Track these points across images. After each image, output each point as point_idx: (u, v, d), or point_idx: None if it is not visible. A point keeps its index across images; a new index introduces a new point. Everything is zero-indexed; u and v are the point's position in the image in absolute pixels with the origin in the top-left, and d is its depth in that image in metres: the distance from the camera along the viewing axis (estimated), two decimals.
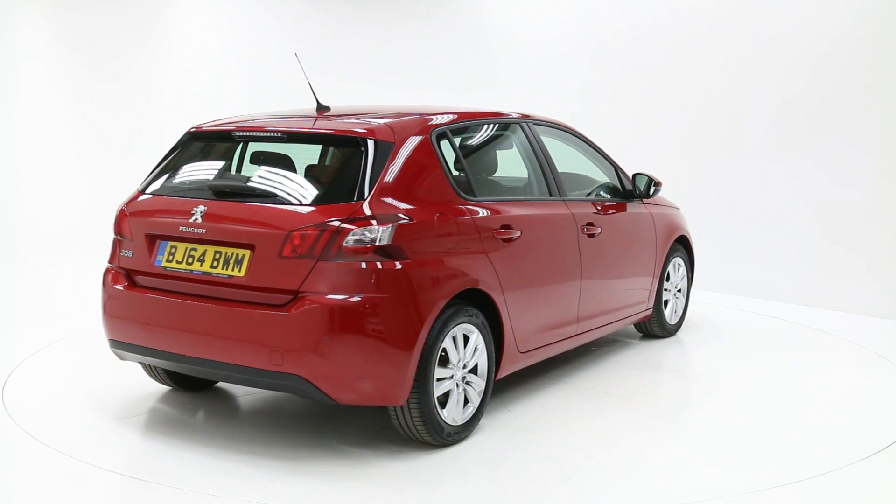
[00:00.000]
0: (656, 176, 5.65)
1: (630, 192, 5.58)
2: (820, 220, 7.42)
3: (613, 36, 8.72)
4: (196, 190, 4.16)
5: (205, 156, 4.40)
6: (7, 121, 10.02)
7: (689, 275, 6.33)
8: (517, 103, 8.94)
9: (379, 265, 3.69)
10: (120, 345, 4.24)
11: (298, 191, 3.92)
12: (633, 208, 5.56)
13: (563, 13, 9.07)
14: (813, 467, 3.89)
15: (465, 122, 4.66)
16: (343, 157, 4.04)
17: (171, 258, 4.01)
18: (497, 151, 4.98)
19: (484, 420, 4.38)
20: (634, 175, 5.60)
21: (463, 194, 4.22)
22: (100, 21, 10.35)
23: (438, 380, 3.93)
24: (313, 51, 10.42)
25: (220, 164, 4.36)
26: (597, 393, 4.93)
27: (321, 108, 4.52)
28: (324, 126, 4.15)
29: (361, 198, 3.76)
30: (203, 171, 4.33)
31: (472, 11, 9.88)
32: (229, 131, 4.35)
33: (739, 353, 5.89)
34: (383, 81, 10.11)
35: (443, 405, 3.97)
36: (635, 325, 6.03)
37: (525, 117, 5.04)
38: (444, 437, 3.98)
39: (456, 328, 3.99)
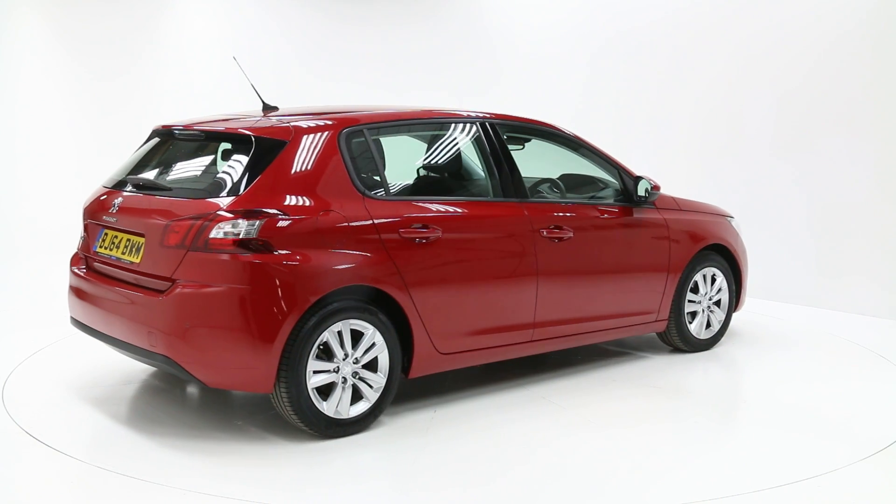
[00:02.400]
0: (654, 180, 5.42)
1: (631, 196, 5.33)
2: (820, 220, 7.41)
3: (616, 36, 8.72)
4: (126, 183, 4.50)
5: (152, 152, 4.65)
6: (7, 121, 10.01)
7: (735, 287, 5.94)
8: (520, 104, 8.95)
9: (241, 258, 3.86)
10: (72, 320, 4.70)
11: (191, 185, 4.24)
12: (637, 213, 5.33)
13: (565, 13, 9.07)
14: (813, 467, 3.89)
15: (393, 122, 4.68)
16: (236, 154, 4.20)
17: (102, 244, 4.44)
18: (440, 151, 4.96)
19: (397, 418, 4.42)
20: (636, 178, 5.35)
21: (369, 193, 4.25)
22: (100, 21, 10.34)
23: (317, 372, 4.02)
24: (314, 52, 10.43)
25: (154, 160, 4.59)
26: (546, 402, 4.74)
27: (267, 108, 4.72)
28: (229, 125, 4.39)
29: (238, 192, 3.96)
30: (141, 165, 4.59)
31: (474, 11, 9.88)
32: (169, 129, 4.62)
33: (739, 356, 5.88)
34: (384, 83, 10.10)
35: (327, 398, 4.09)
36: (661, 338, 5.78)
37: (485, 117, 4.92)
38: (323, 428, 4.08)
39: (340, 323, 4.06)
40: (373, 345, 4.19)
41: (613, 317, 5.28)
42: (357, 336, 4.15)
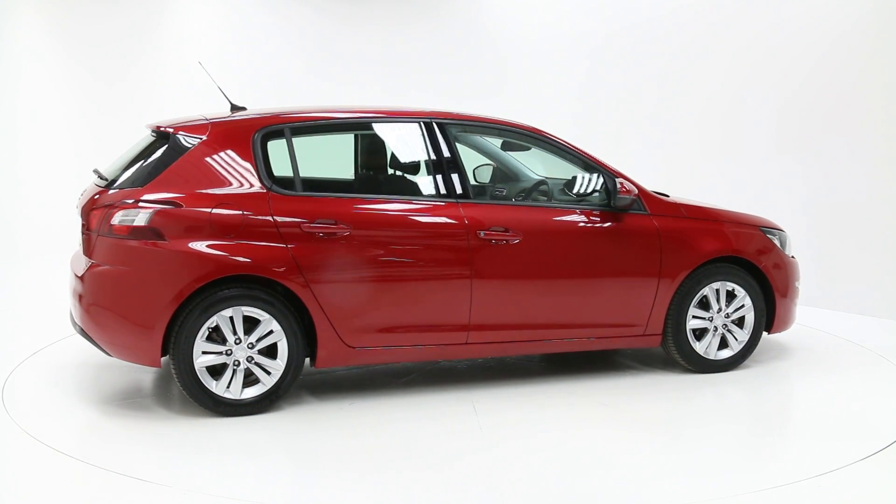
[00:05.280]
0: (629, 184, 5.00)
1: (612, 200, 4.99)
2: (820, 220, 7.41)
3: (618, 37, 8.72)
4: (95, 176, 4.83)
5: (131, 149, 4.90)
6: (7, 121, 10.02)
7: (763, 305, 5.36)
8: (522, 104, 8.96)
9: (132, 243, 4.26)
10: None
11: (122, 177, 4.49)
12: (618, 218, 5.00)
13: (566, 14, 9.07)
14: (813, 467, 3.89)
15: (320, 122, 4.82)
16: (159, 149, 4.56)
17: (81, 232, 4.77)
18: (370, 150, 5.18)
19: (303, 405, 4.61)
20: (613, 182, 4.98)
21: (277, 188, 4.47)
22: (100, 22, 10.34)
23: (207, 353, 4.34)
24: (314, 53, 10.42)
25: (126, 155, 4.82)
26: (468, 406, 4.65)
27: (234, 109, 4.95)
28: (163, 124, 4.71)
29: (144, 184, 4.35)
30: (118, 160, 4.84)
31: (475, 13, 9.88)
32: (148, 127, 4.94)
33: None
34: (385, 85, 10.10)
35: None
36: (668, 355, 5.38)
37: (430, 116, 4.91)
38: (211, 406, 4.40)
39: (231, 309, 4.34)
40: (271, 332, 4.41)
41: (579, 326, 5.01)
42: (255, 323, 4.40)
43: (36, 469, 3.84)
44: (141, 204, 4.28)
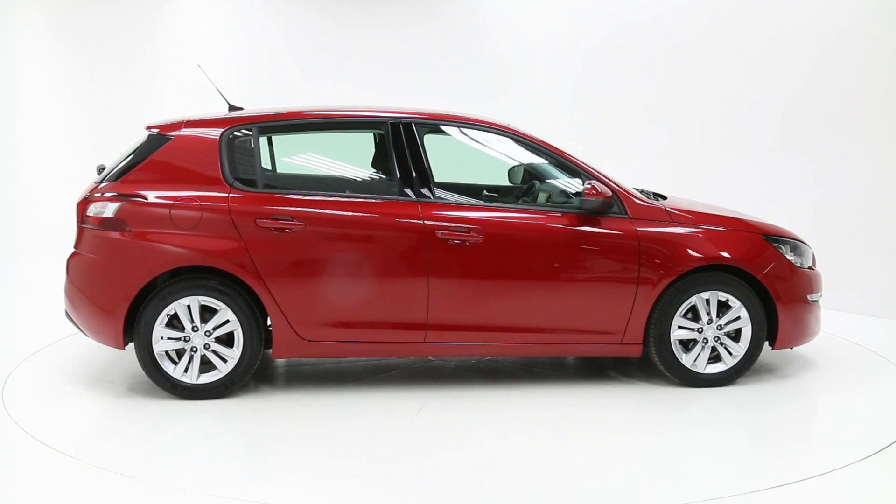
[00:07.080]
0: (601, 185, 4.80)
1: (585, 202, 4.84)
2: (820, 220, 7.41)
3: (620, 36, 8.72)
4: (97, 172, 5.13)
5: (132, 147, 5.06)
6: (7, 121, 10.02)
7: (762, 317, 4.99)
8: (522, 105, 8.96)
9: (100, 233, 4.63)
10: None
11: (110, 172, 4.79)
12: (593, 222, 4.84)
13: (566, 15, 9.07)
14: (813, 467, 3.89)
15: (290, 122, 4.96)
16: (139, 146, 4.86)
17: None
18: (336, 150, 5.35)
19: (261, 398, 4.78)
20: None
21: (238, 185, 4.69)
22: (100, 23, 10.33)
23: (167, 338, 4.62)
24: (314, 54, 10.41)
25: (126, 152, 5.00)
26: (416, 405, 4.65)
27: (232, 109, 5.17)
28: (154, 123, 4.96)
29: (118, 178, 4.70)
30: (119, 157, 5.01)
31: (476, 14, 9.88)
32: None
33: None
34: (384, 86, 10.09)
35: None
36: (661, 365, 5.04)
37: (398, 115, 4.92)
38: (171, 389, 4.69)
39: (187, 298, 4.60)
40: (227, 321, 4.65)
41: (545, 331, 4.87)
42: (214, 312, 4.65)
43: (36, 469, 3.84)
44: (112, 197, 4.62)
